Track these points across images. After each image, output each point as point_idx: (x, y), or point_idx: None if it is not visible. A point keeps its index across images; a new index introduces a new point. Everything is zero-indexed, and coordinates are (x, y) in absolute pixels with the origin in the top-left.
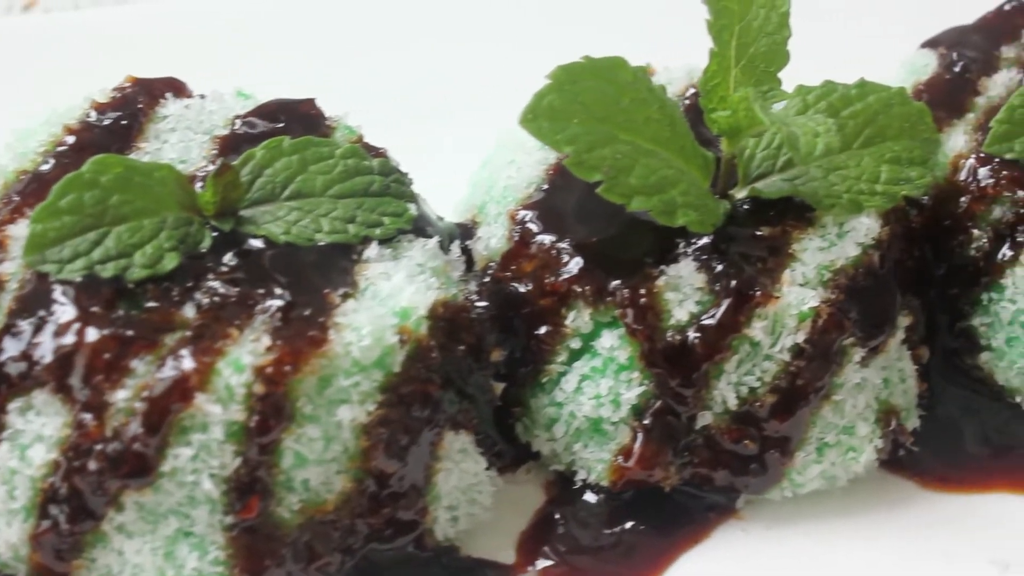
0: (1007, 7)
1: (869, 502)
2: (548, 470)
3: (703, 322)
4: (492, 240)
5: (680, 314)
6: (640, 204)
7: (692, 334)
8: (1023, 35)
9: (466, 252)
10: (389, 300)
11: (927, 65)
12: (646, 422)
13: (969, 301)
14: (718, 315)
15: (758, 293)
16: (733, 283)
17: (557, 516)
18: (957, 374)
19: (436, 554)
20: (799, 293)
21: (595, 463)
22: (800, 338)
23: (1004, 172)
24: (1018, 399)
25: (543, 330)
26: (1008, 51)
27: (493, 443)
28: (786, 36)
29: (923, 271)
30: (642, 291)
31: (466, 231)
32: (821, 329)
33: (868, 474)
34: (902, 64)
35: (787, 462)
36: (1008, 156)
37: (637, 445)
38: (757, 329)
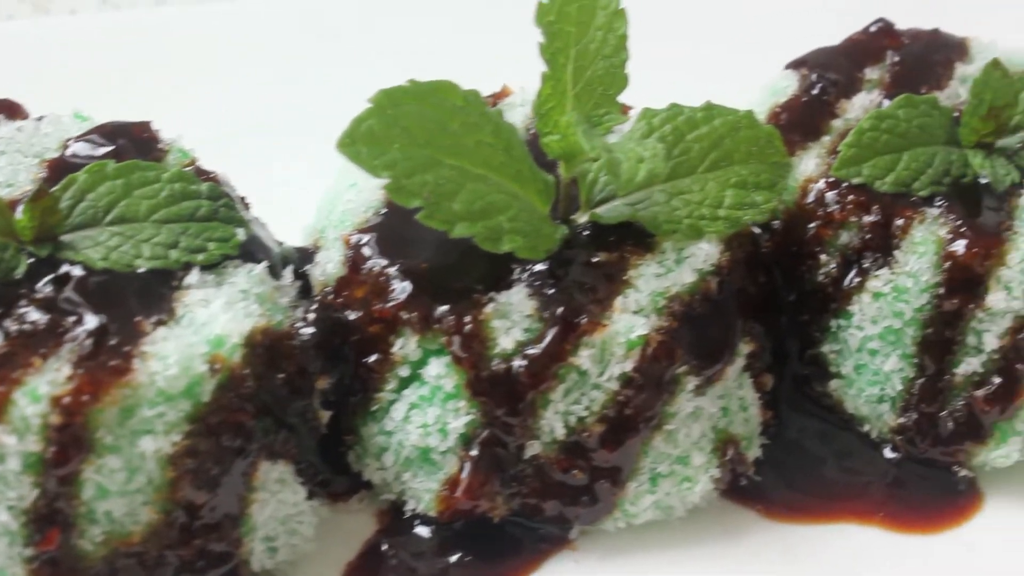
0: (873, 28)
1: (709, 532)
2: (380, 499)
3: (528, 351)
4: (329, 265)
5: (506, 342)
6: (463, 230)
7: (518, 363)
8: (888, 56)
9: (305, 277)
10: (204, 328)
11: (788, 87)
12: (473, 452)
13: (819, 328)
14: (544, 343)
15: (584, 321)
16: (560, 310)
17: (385, 547)
18: (807, 402)
19: None
20: (628, 321)
21: (423, 493)
22: (628, 367)
23: (851, 197)
24: (867, 427)
25: (372, 358)
26: (872, 72)
27: (316, 472)
28: (624, 59)
29: (772, 297)
30: (467, 318)
31: (307, 256)
32: (651, 357)
33: (708, 504)
34: (763, 86)
35: (619, 492)
36: (856, 180)
37: (464, 475)
38: (584, 358)
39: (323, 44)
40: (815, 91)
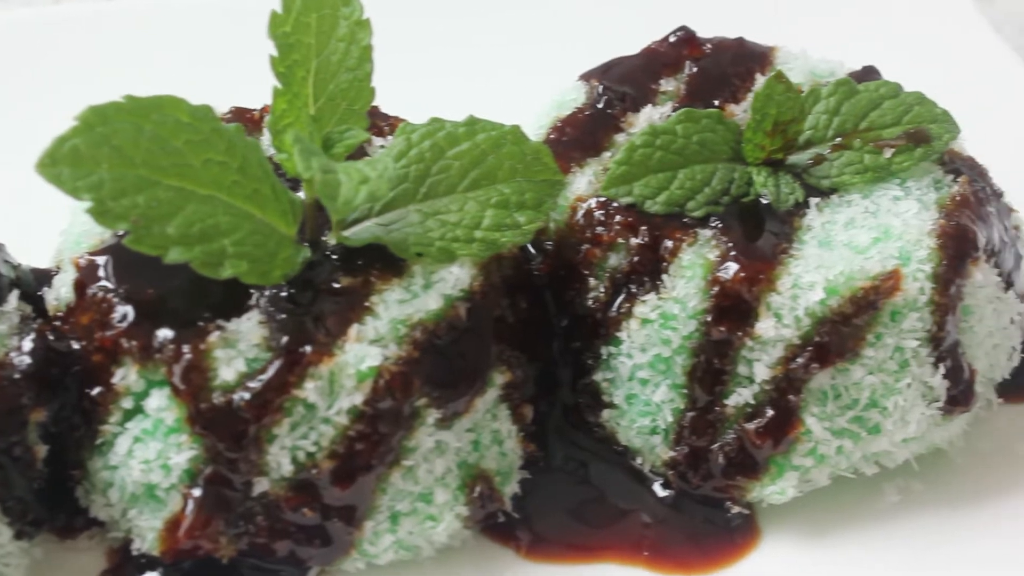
0: (673, 37)
1: (460, 574)
2: (110, 537)
3: (250, 383)
4: (63, 289)
5: (227, 373)
6: (178, 255)
7: (239, 395)
8: (687, 67)
9: (40, 302)
10: None
11: (574, 99)
12: (197, 489)
13: (591, 355)
14: (266, 375)
15: (309, 351)
16: (284, 340)
17: None
18: (579, 433)
19: None
20: (360, 351)
21: (148, 531)
22: (358, 400)
23: (619, 217)
24: (639, 461)
25: (96, 389)
26: (667, 84)
27: (26, 511)
28: (368, 71)
29: (539, 323)
30: (186, 348)
31: (48, 279)
32: (384, 389)
33: (462, 543)
34: (550, 97)
35: (355, 532)
36: (625, 200)
37: (187, 513)
38: (310, 390)
39: (86, 57)
40: (600, 104)
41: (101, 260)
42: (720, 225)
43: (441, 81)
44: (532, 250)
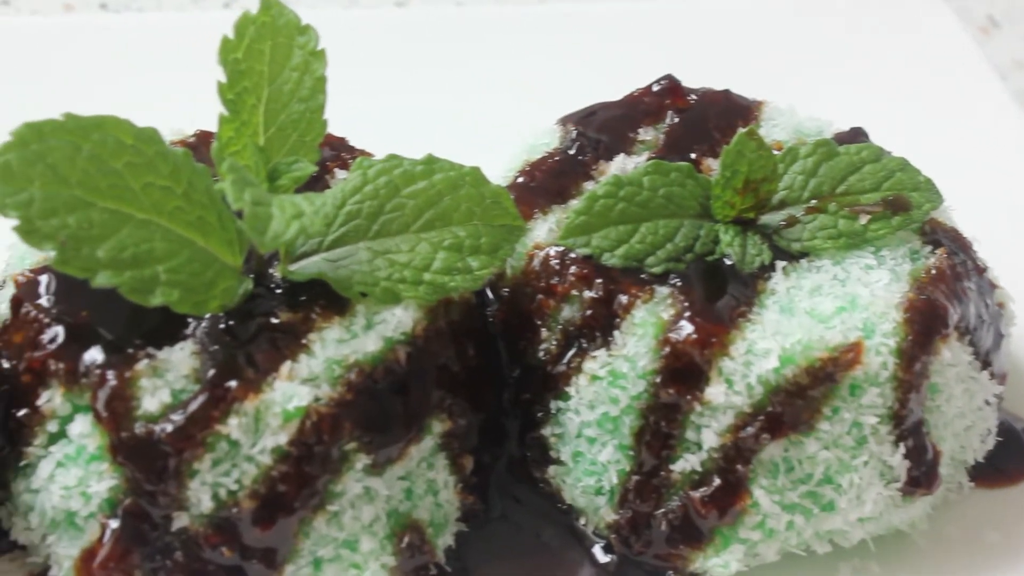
0: (656, 86)
1: None
2: (30, 562)
3: (172, 415)
4: (2, 306)
5: (150, 404)
6: (106, 280)
7: (161, 427)
8: (668, 117)
9: None
10: None
11: (548, 143)
12: (115, 520)
13: (542, 408)
14: (189, 408)
15: (235, 386)
16: (212, 373)
17: None
18: (525, 487)
19: None
20: (288, 389)
21: (65, 559)
22: (283, 439)
23: (574, 268)
24: (583, 521)
25: (23, 410)
26: (646, 134)
27: None
28: (321, 103)
29: (488, 372)
30: (111, 374)
31: None
32: (311, 431)
33: None
34: (524, 140)
35: (274, 575)
36: (582, 251)
37: (103, 544)
38: (233, 426)
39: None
40: (572, 150)
41: (42, 279)
42: (679, 283)
43: (425, 114)
44: (491, 295)
